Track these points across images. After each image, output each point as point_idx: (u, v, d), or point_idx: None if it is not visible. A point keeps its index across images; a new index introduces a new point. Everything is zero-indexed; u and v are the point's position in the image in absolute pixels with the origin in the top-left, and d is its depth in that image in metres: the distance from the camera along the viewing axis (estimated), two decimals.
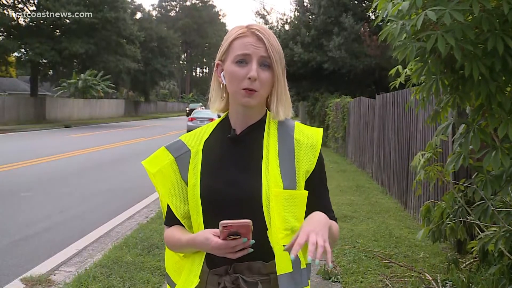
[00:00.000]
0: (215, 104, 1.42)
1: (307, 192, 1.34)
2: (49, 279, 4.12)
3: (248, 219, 1.21)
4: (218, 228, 1.22)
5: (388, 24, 2.34)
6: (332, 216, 1.40)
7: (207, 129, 1.45)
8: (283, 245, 1.25)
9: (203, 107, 39.25)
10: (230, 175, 1.34)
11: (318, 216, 1.26)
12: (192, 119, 24.57)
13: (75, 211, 6.80)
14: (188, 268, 1.38)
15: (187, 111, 44.93)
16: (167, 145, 1.45)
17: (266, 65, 1.31)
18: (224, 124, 1.43)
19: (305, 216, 1.37)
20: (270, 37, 1.32)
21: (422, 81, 2.73)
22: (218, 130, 1.43)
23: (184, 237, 1.35)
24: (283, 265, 1.28)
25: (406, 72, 3.42)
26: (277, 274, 1.27)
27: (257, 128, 1.38)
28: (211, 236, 1.24)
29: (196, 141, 1.43)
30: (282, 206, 1.29)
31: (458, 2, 2.06)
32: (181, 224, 1.42)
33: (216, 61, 1.40)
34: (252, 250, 1.24)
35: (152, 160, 1.43)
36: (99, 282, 3.87)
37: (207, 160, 1.38)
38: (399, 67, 3.53)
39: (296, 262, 1.32)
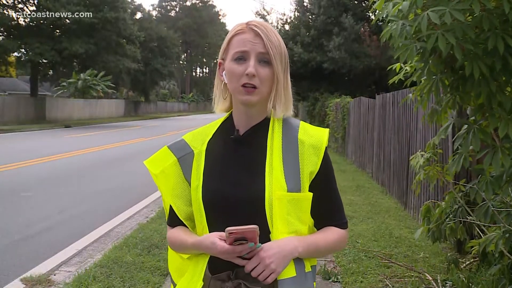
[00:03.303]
0: (218, 104, 1.40)
1: (311, 194, 1.31)
2: (49, 279, 4.12)
3: (250, 221, 1.19)
4: (222, 231, 1.20)
5: (389, 24, 2.34)
6: (338, 224, 1.38)
7: (210, 129, 1.42)
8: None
9: None
10: (233, 177, 1.31)
11: (284, 244, 1.25)
12: None
13: (75, 211, 6.79)
14: (192, 270, 1.35)
15: None
16: (170, 145, 1.42)
17: (265, 61, 1.28)
18: (227, 124, 1.40)
19: (313, 217, 1.35)
20: (269, 33, 1.29)
21: (421, 81, 2.72)
22: (221, 130, 1.40)
23: (189, 240, 1.33)
24: (285, 270, 1.26)
25: (406, 71, 3.41)
26: (278, 279, 1.25)
27: (261, 129, 1.35)
28: (217, 241, 1.22)
29: (199, 141, 1.40)
30: (286, 209, 1.27)
31: (459, 1, 2.06)
32: (184, 225, 1.40)
33: (219, 60, 1.38)
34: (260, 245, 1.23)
35: (154, 160, 1.41)
36: (99, 282, 3.87)
37: (210, 161, 1.36)
38: (399, 64, 3.51)
39: (299, 265, 1.29)
